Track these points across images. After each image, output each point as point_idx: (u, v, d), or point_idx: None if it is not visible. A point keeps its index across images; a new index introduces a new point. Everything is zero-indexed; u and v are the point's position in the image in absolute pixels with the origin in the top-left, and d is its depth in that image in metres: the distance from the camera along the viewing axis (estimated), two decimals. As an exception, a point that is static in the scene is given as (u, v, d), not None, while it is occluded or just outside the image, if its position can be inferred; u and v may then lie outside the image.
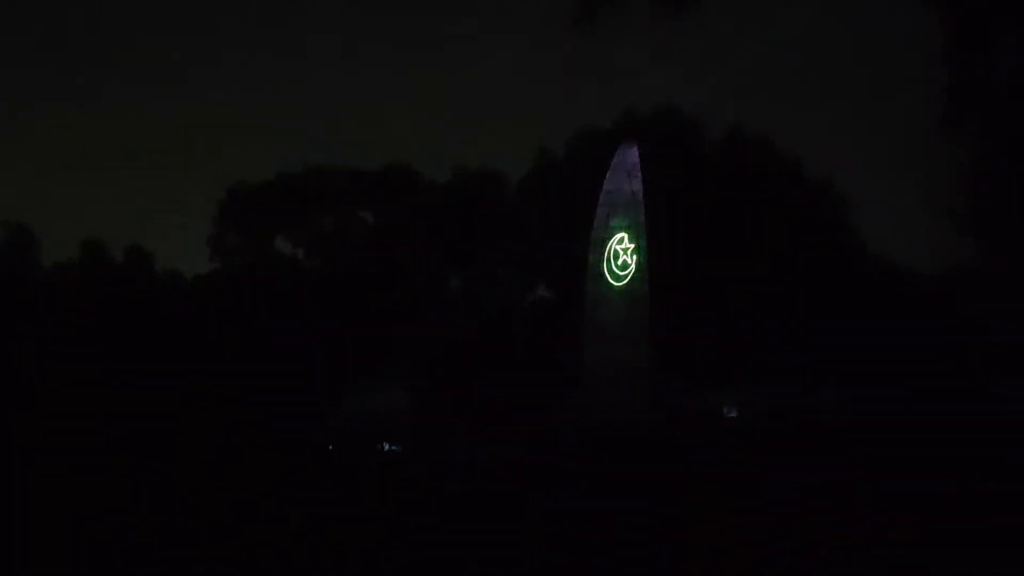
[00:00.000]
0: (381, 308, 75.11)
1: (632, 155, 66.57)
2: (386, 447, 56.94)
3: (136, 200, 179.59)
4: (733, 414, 62.07)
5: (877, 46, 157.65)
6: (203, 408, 68.19)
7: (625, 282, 65.53)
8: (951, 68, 49.36)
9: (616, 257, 65.72)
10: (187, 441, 59.12)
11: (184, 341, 77.74)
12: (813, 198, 77.06)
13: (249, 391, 69.89)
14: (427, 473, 41.52)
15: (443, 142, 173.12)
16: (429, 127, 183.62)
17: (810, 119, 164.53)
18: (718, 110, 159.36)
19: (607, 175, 66.80)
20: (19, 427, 60.02)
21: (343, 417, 65.79)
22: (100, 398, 71.60)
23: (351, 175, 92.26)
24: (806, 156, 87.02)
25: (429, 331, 74.75)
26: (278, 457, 49.52)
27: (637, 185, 65.79)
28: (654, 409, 63.26)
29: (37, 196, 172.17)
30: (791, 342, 69.94)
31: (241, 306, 76.98)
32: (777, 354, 69.91)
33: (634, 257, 65.26)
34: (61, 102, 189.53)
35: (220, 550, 21.93)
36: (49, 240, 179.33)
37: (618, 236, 65.81)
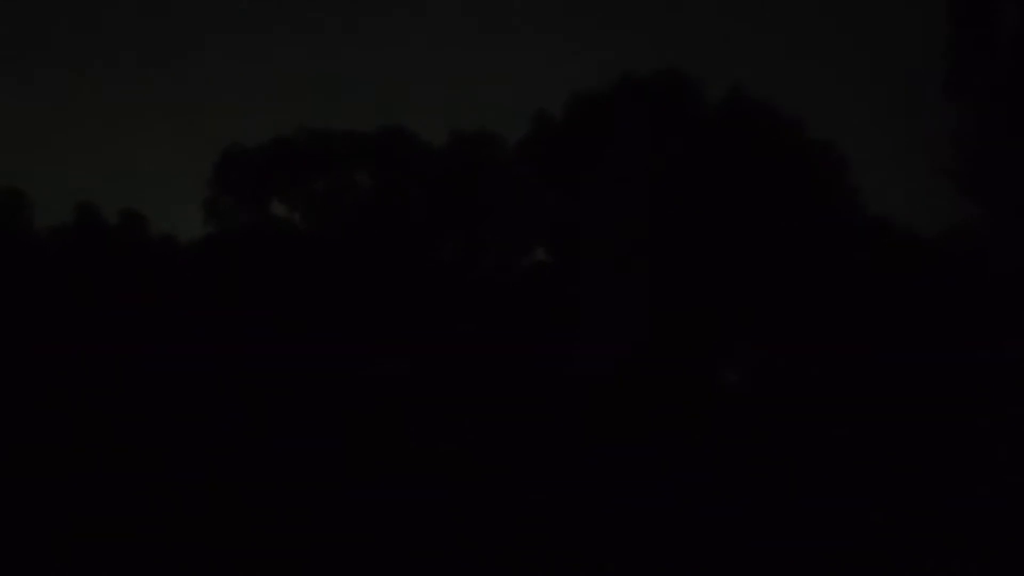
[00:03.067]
0: (377, 272, 74.62)
1: (632, 117, 66.11)
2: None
3: (131, 163, 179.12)
4: (734, 377, 61.76)
5: (882, 5, 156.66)
6: (199, 372, 67.95)
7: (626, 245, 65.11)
8: (956, 28, 48.84)
9: (616, 220, 65.28)
10: (182, 404, 58.95)
11: (179, 304, 77.32)
12: (814, 158, 76.45)
13: (245, 354, 69.54)
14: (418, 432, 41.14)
15: (439, 104, 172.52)
16: (425, 89, 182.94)
17: (812, 79, 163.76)
18: (718, 71, 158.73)
19: (607, 137, 66.36)
20: (14, 392, 59.75)
21: (343, 381, 65.61)
22: (95, 362, 71.24)
23: (347, 137, 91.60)
24: (807, 116, 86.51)
25: (425, 295, 74.40)
26: (275, 420, 49.21)
27: (637, 147, 65.39)
28: (654, 370, 63.13)
29: (31, 159, 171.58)
30: (791, 303, 69.62)
31: (237, 269, 76.44)
32: (777, 315, 69.61)
33: (635, 221, 64.86)
34: (55, 65, 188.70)
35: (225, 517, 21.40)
36: (43, 203, 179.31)
37: (617, 199, 65.40)
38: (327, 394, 62.03)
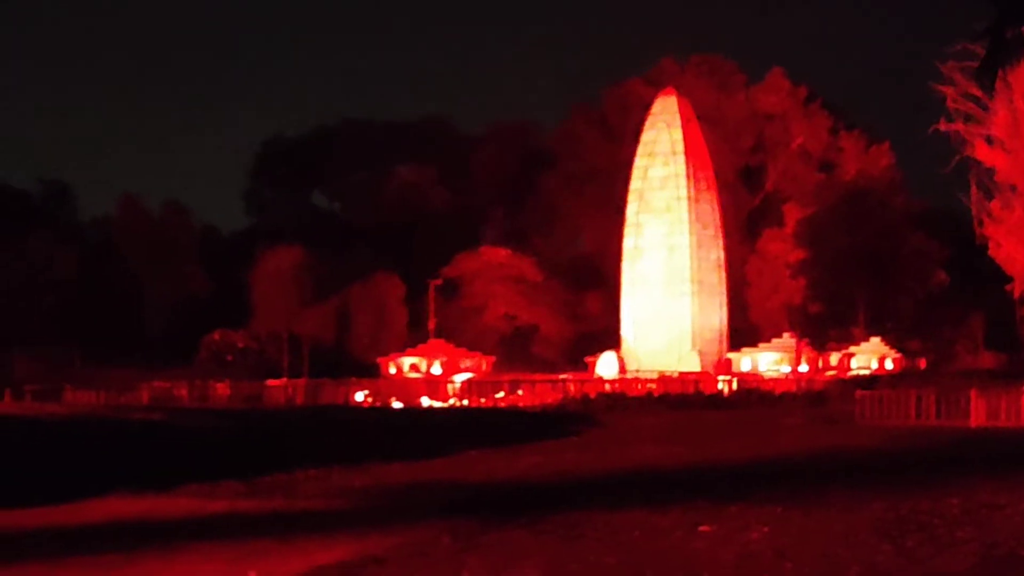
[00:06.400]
0: (418, 263, 74.55)
1: (671, 104, 65.86)
2: (425, 402, 56.68)
3: (173, 155, 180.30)
4: (785, 368, 61.37)
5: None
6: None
7: (665, 232, 64.96)
8: (995, 9, 48.46)
9: (655, 206, 65.09)
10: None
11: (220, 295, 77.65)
12: (856, 143, 76.06)
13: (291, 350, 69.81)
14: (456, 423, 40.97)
15: (479, 93, 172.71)
16: (464, 78, 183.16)
17: (849, 62, 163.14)
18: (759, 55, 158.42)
19: (646, 125, 66.12)
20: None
21: (387, 375, 65.68)
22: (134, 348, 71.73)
23: (387, 127, 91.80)
24: (846, 102, 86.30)
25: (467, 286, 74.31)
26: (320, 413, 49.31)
27: (676, 134, 65.12)
28: (695, 358, 62.98)
29: (76, 152, 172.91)
30: (833, 296, 69.39)
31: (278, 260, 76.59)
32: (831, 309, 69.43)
33: (674, 206, 64.66)
34: (98, 58, 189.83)
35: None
36: (87, 195, 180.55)
37: (658, 185, 65.22)
38: (370, 385, 62.18)
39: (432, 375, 64.33)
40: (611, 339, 66.97)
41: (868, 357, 62.86)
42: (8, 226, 74.72)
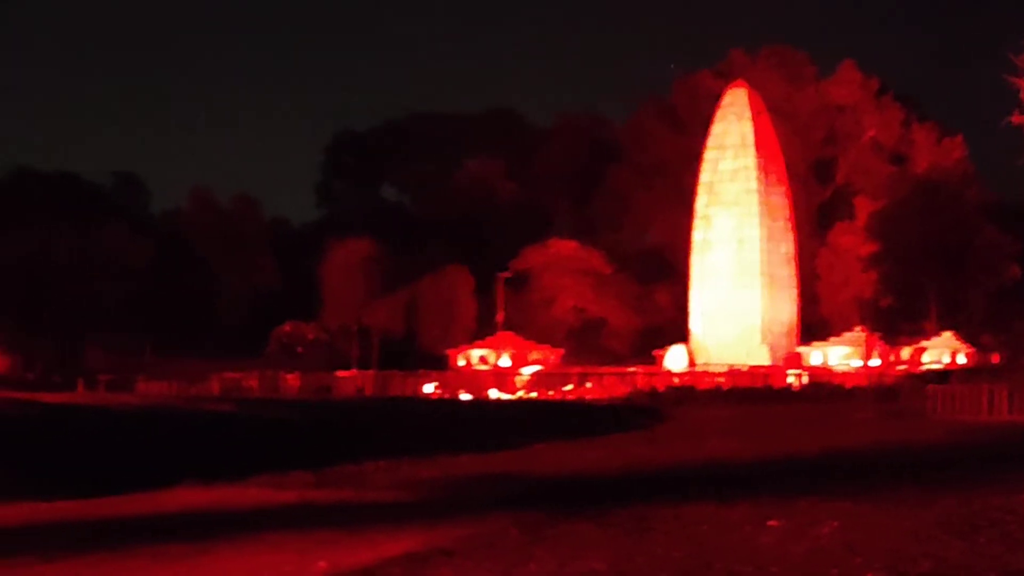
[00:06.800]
0: (486, 255, 74.65)
1: (741, 96, 65.55)
2: (494, 395, 56.78)
3: (244, 148, 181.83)
4: (856, 362, 60.79)
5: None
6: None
7: (734, 225, 64.70)
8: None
9: (725, 199, 64.83)
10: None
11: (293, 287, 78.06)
12: (928, 136, 75.36)
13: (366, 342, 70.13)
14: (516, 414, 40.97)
15: (547, 85, 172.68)
16: (531, 71, 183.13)
17: (922, 53, 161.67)
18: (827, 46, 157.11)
19: (716, 117, 65.83)
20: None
21: (456, 367, 65.86)
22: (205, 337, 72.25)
23: (455, 120, 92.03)
24: (918, 94, 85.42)
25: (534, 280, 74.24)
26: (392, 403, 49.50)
27: (747, 127, 64.79)
28: (764, 352, 62.69)
29: (147, 145, 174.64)
30: (905, 289, 68.80)
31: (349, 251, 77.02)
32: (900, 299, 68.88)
33: (744, 199, 64.38)
34: (166, 50, 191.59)
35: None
36: (159, 187, 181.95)
37: (728, 178, 64.94)
38: (438, 378, 62.32)
39: (501, 367, 64.45)
40: (680, 332, 66.75)
41: (940, 351, 62.18)
42: (82, 217, 75.56)
